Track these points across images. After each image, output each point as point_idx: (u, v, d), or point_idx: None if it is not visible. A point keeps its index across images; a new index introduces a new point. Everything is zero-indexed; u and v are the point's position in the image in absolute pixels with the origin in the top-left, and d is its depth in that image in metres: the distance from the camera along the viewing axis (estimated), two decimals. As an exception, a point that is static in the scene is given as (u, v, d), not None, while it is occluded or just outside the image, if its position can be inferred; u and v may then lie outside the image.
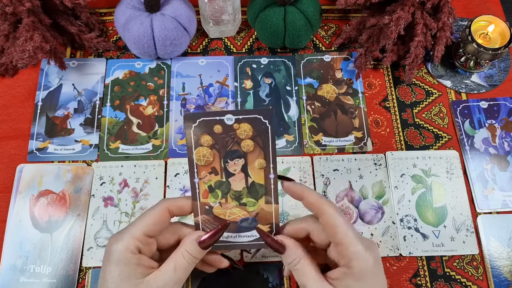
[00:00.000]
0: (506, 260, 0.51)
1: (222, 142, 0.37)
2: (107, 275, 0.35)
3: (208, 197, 0.38)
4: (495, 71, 0.62)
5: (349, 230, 0.35)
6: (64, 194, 0.54)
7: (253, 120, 0.36)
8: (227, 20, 0.60)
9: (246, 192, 0.38)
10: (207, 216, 0.39)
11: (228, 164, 0.38)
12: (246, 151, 0.37)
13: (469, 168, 0.56)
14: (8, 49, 0.56)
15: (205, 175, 0.38)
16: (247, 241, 0.40)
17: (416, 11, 0.55)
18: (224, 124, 0.37)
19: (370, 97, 0.61)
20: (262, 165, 0.38)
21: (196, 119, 0.37)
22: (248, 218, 0.39)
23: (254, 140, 0.37)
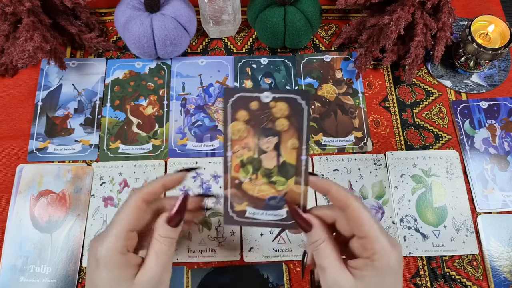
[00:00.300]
0: (506, 260, 0.51)
1: (258, 119, 0.37)
2: (98, 281, 0.35)
3: (239, 172, 0.39)
4: (495, 71, 0.62)
5: (374, 225, 0.35)
6: (64, 194, 0.54)
7: (290, 100, 0.37)
8: (227, 20, 0.60)
9: (276, 171, 0.38)
10: (236, 190, 0.39)
11: (262, 141, 0.38)
12: (280, 130, 0.38)
13: (469, 168, 0.56)
14: (8, 49, 0.56)
15: (238, 149, 0.38)
16: (273, 220, 0.39)
17: (416, 11, 0.55)
18: (261, 102, 0.37)
19: (370, 97, 0.61)
20: (295, 146, 0.38)
21: (234, 93, 0.37)
22: (276, 196, 0.39)
23: (289, 119, 0.37)
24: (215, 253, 0.51)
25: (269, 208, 0.39)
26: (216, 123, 0.59)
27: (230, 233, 0.52)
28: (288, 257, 0.51)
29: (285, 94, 0.37)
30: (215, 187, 0.55)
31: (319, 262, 0.37)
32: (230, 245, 0.52)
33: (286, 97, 0.37)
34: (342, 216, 0.38)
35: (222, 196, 0.43)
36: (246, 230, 0.52)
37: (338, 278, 0.35)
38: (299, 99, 0.37)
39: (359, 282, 0.34)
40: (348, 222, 0.37)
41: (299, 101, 0.37)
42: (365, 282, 0.34)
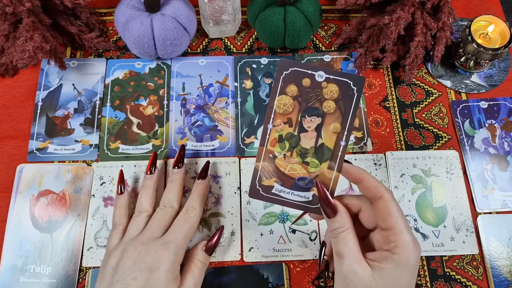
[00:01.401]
0: (506, 260, 0.51)
1: (306, 96, 0.37)
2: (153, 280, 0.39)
3: (275, 146, 0.38)
4: (495, 71, 0.62)
5: (402, 219, 0.35)
6: (64, 194, 0.54)
7: (343, 84, 0.37)
8: (227, 20, 0.60)
9: (312, 152, 0.38)
10: (268, 164, 0.39)
11: (305, 119, 0.38)
12: (326, 112, 0.37)
13: (469, 168, 0.56)
14: (8, 49, 0.56)
15: (279, 123, 0.38)
16: (298, 201, 0.39)
17: (416, 11, 0.55)
18: (314, 79, 0.37)
19: (370, 97, 0.61)
20: (337, 130, 0.38)
21: (289, 67, 0.37)
22: (306, 178, 0.38)
23: (337, 103, 0.37)
24: (215, 253, 0.51)
25: (296, 189, 0.39)
26: (216, 123, 0.59)
27: (230, 233, 0.52)
28: (288, 257, 0.51)
29: (339, 76, 0.36)
30: (215, 187, 0.55)
31: (338, 250, 0.36)
32: (230, 245, 0.52)
33: (339, 80, 0.37)
34: (368, 207, 0.38)
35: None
36: (246, 230, 0.53)
37: (355, 267, 0.35)
38: (352, 84, 0.36)
39: (377, 274, 0.34)
40: (375, 212, 0.37)
41: (352, 86, 0.36)
42: (383, 274, 0.34)
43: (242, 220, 0.53)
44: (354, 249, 0.35)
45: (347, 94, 0.37)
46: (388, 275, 0.34)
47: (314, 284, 0.50)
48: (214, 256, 0.51)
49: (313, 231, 0.53)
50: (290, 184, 0.39)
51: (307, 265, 0.51)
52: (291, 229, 0.53)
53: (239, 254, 0.51)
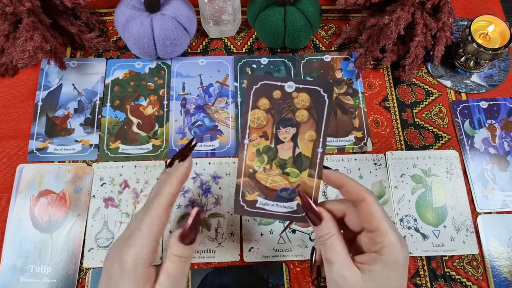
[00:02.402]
0: (506, 260, 0.51)
1: (278, 108, 0.38)
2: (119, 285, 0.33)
3: (254, 161, 0.39)
4: (495, 71, 0.62)
5: (386, 219, 0.35)
6: (64, 194, 0.54)
7: (313, 92, 0.37)
8: (227, 20, 0.60)
9: (291, 162, 0.38)
10: (249, 179, 0.39)
11: (280, 131, 0.38)
12: (300, 121, 0.38)
13: (469, 168, 0.56)
14: (8, 49, 0.56)
15: (255, 138, 0.38)
16: (283, 212, 0.39)
17: (416, 11, 0.55)
18: (284, 91, 0.37)
19: (370, 97, 0.61)
20: (312, 138, 0.38)
21: (258, 81, 0.37)
22: (288, 188, 0.39)
23: (310, 111, 0.37)
24: (215, 254, 0.51)
25: (280, 200, 0.39)
26: (216, 123, 0.59)
27: (229, 233, 0.52)
28: (288, 257, 0.51)
29: (308, 85, 0.37)
30: (215, 188, 0.55)
31: (326, 256, 0.36)
32: (230, 246, 0.52)
33: (308, 88, 0.37)
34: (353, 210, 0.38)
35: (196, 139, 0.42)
36: (245, 230, 0.53)
37: (344, 272, 0.35)
38: (322, 91, 0.37)
39: (366, 277, 0.34)
40: (359, 215, 0.37)
41: (321, 93, 0.37)
42: (372, 277, 0.34)
43: (242, 220, 0.53)
44: (342, 254, 0.36)
45: (318, 101, 0.37)
46: (378, 277, 0.34)
47: (314, 284, 0.50)
48: (213, 257, 0.51)
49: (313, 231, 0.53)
50: (273, 196, 0.39)
51: (307, 265, 0.51)
52: (291, 228, 0.53)
53: (238, 255, 0.51)
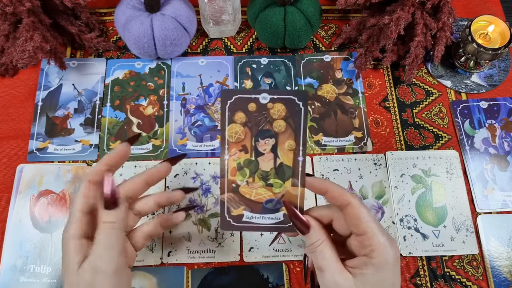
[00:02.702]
0: (506, 260, 0.51)
1: (255, 121, 0.38)
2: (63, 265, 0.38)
3: (236, 175, 0.39)
4: (495, 71, 0.62)
5: (373, 222, 0.35)
6: (64, 194, 0.54)
7: (288, 101, 0.37)
8: (227, 20, 0.60)
9: (273, 173, 0.38)
10: (233, 194, 0.39)
11: (259, 143, 0.38)
12: (278, 132, 0.38)
13: (469, 168, 0.56)
14: (8, 49, 0.56)
15: (235, 152, 0.38)
16: (270, 223, 0.39)
17: (416, 11, 0.55)
18: (259, 103, 0.37)
19: (370, 97, 0.61)
20: (292, 147, 0.38)
21: (232, 95, 0.37)
22: (273, 199, 0.39)
23: (287, 121, 0.37)
24: (215, 254, 0.51)
25: (266, 212, 0.39)
26: (216, 123, 0.59)
27: (229, 234, 0.52)
28: (288, 257, 0.51)
29: (282, 95, 0.37)
30: (215, 188, 0.55)
31: (317, 264, 0.37)
32: (230, 246, 0.52)
33: (283, 98, 0.37)
34: (340, 215, 0.38)
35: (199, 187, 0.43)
36: (246, 230, 0.53)
37: (337, 278, 0.35)
38: (296, 100, 0.37)
39: (359, 281, 0.34)
40: (346, 220, 0.37)
41: (296, 101, 0.37)
42: (365, 280, 0.34)
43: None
44: (332, 260, 0.36)
45: (294, 110, 0.37)
46: (370, 280, 0.34)
47: (314, 284, 0.50)
48: (213, 257, 0.51)
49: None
50: (259, 209, 0.39)
51: (307, 265, 0.51)
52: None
53: (238, 255, 0.51)
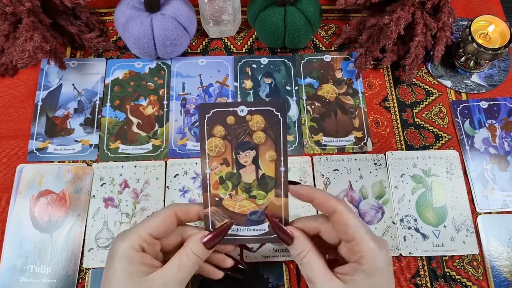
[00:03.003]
0: (506, 260, 0.51)
1: (234, 133, 0.37)
2: (110, 272, 0.35)
3: (219, 189, 0.38)
4: (495, 71, 0.62)
5: (361, 227, 0.35)
6: (64, 194, 0.54)
7: (266, 112, 0.37)
8: (227, 20, 0.60)
9: (256, 185, 0.38)
10: (216, 208, 0.39)
11: (240, 155, 0.38)
12: (258, 143, 0.38)
13: (469, 168, 0.56)
14: (8, 49, 0.56)
15: (216, 166, 0.38)
16: (255, 235, 0.39)
17: (416, 11, 0.55)
18: (237, 115, 0.37)
19: (370, 97, 0.61)
20: (273, 158, 0.38)
21: (210, 109, 0.37)
22: (257, 211, 0.39)
23: (266, 132, 0.37)
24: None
25: (250, 224, 0.39)
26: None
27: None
28: (288, 257, 0.51)
29: (260, 106, 0.37)
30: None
31: (307, 276, 0.36)
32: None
33: (261, 110, 0.37)
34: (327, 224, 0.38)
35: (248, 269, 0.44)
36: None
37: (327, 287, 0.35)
38: (274, 110, 0.37)
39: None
40: (334, 227, 0.37)
41: (274, 112, 0.37)
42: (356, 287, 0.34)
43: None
44: (320, 270, 0.35)
45: (273, 121, 0.37)
46: (362, 286, 0.34)
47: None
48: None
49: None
50: (244, 221, 0.39)
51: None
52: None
53: (238, 255, 0.51)
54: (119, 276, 0.35)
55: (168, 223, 0.38)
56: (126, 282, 0.34)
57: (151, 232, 0.37)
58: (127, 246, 0.35)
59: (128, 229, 0.38)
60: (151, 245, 0.37)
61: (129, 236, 0.36)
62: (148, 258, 0.36)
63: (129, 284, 0.34)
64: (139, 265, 0.35)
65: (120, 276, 0.35)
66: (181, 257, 0.37)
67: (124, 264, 0.35)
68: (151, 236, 0.37)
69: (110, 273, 0.35)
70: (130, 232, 0.37)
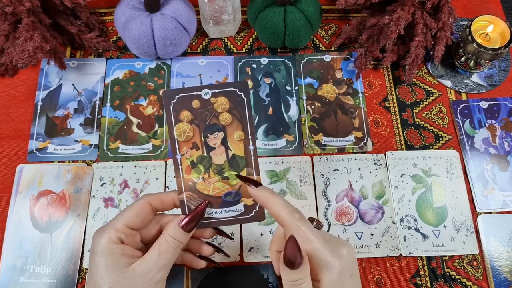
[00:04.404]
0: (506, 260, 0.51)
1: (201, 117, 0.38)
2: (92, 266, 0.36)
3: (191, 173, 0.39)
4: (495, 71, 0.62)
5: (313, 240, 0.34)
6: (64, 194, 0.54)
7: (229, 93, 0.38)
8: (227, 20, 0.60)
9: (227, 166, 0.39)
10: (191, 192, 0.39)
11: (208, 138, 0.38)
12: (225, 124, 0.38)
13: (469, 168, 0.56)
14: (8, 49, 0.56)
15: (186, 150, 0.38)
16: (232, 216, 0.40)
17: (416, 11, 0.55)
18: (202, 99, 0.38)
19: (370, 97, 0.61)
20: (241, 137, 0.38)
21: (174, 95, 0.38)
22: (231, 192, 0.39)
23: (232, 112, 0.38)
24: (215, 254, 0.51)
25: (226, 205, 0.39)
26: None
27: (229, 233, 0.52)
28: (288, 257, 0.51)
29: (223, 88, 0.37)
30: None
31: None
32: (229, 246, 0.52)
33: (224, 91, 0.38)
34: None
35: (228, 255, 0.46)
36: (245, 230, 0.52)
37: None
38: (237, 91, 0.37)
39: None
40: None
41: (238, 92, 0.38)
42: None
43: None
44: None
45: (237, 101, 0.38)
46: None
47: (314, 284, 0.50)
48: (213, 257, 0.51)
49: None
50: (219, 203, 0.39)
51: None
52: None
53: (238, 255, 0.51)
54: (102, 271, 0.35)
55: (144, 213, 0.38)
56: (109, 274, 0.35)
57: (126, 223, 0.37)
58: (106, 240, 0.36)
59: (105, 224, 0.38)
60: (130, 237, 0.38)
61: (106, 230, 0.37)
62: (128, 249, 0.37)
63: (112, 277, 0.35)
64: (119, 256, 0.36)
65: (102, 270, 0.35)
66: (160, 244, 0.37)
67: (105, 258, 0.36)
68: (127, 227, 0.37)
69: (93, 269, 0.36)
70: (107, 226, 0.37)
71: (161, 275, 0.36)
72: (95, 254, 0.36)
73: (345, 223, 0.53)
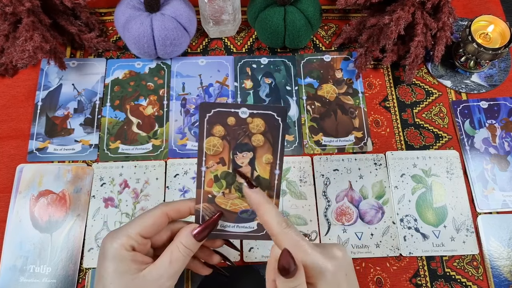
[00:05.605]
0: (506, 260, 0.51)
1: (234, 134, 0.38)
2: (102, 271, 0.36)
3: (212, 186, 0.39)
4: (495, 71, 0.62)
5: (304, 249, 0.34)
6: (64, 194, 0.54)
7: (267, 116, 0.37)
8: (227, 20, 0.60)
9: None
10: (208, 204, 0.39)
11: (237, 156, 0.38)
12: (256, 146, 0.38)
13: (469, 168, 0.56)
14: (8, 49, 0.56)
15: (212, 164, 0.38)
16: (243, 232, 0.40)
17: (416, 11, 0.55)
18: (238, 117, 0.37)
19: (370, 97, 0.61)
20: (269, 161, 0.38)
21: (211, 108, 0.37)
22: (248, 210, 0.39)
23: (265, 135, 0.38)
24: (215, 253, 0.51)
25: (240, 221, 0.40)
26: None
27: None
28: (288, 257, 0.51)
29: (262, 110, 0.37)
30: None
31: None
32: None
33: (262, 114, 0.37)
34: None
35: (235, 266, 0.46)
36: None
37: None
38: (275, 115, 0.37)
39: None
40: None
41: (275, 117, 0.37)
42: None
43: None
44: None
45: (273, 125, 0.37)
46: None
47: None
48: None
49: (313, 231, 0.53)
50: (234, 218, 0.40)
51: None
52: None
53: (238, 255, 0.51)
54: (112, 276, 0.35)
55: (158, 223, 0.38)
56: (119, 281, 0.35)
57: (141, 233, 0.37)
58: (118, 246, 0.36)
59: (118, 228, 0.38)
60: (142, 244, 0.38)
61: (119, 236, 0.36)
62: (139, 256, 0.37)
63: (122, 282, 0.35)
64: (130, 263, 0.36)
65: (112, 276, 0.35)
66: (172, 251, 0.37)
67: (116, 264, 0.35)
68: (141, 236, 0.37)
69: (102, 273, 0.36)
70: (120, 231, 0.37)
71: (171, 283, 0.37)
72: (105, 258, 0.36)
73: (345, 223, 0.53)
